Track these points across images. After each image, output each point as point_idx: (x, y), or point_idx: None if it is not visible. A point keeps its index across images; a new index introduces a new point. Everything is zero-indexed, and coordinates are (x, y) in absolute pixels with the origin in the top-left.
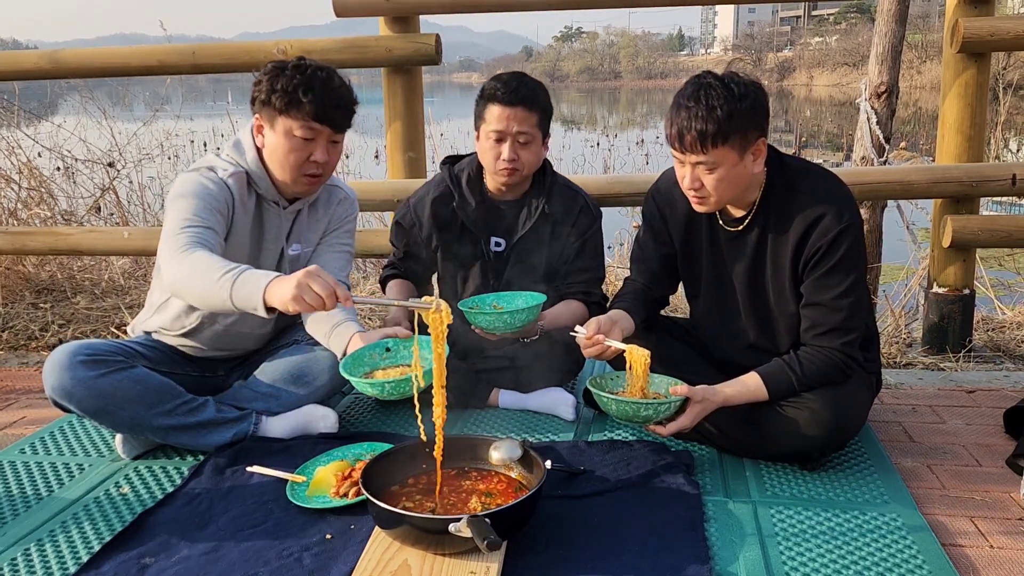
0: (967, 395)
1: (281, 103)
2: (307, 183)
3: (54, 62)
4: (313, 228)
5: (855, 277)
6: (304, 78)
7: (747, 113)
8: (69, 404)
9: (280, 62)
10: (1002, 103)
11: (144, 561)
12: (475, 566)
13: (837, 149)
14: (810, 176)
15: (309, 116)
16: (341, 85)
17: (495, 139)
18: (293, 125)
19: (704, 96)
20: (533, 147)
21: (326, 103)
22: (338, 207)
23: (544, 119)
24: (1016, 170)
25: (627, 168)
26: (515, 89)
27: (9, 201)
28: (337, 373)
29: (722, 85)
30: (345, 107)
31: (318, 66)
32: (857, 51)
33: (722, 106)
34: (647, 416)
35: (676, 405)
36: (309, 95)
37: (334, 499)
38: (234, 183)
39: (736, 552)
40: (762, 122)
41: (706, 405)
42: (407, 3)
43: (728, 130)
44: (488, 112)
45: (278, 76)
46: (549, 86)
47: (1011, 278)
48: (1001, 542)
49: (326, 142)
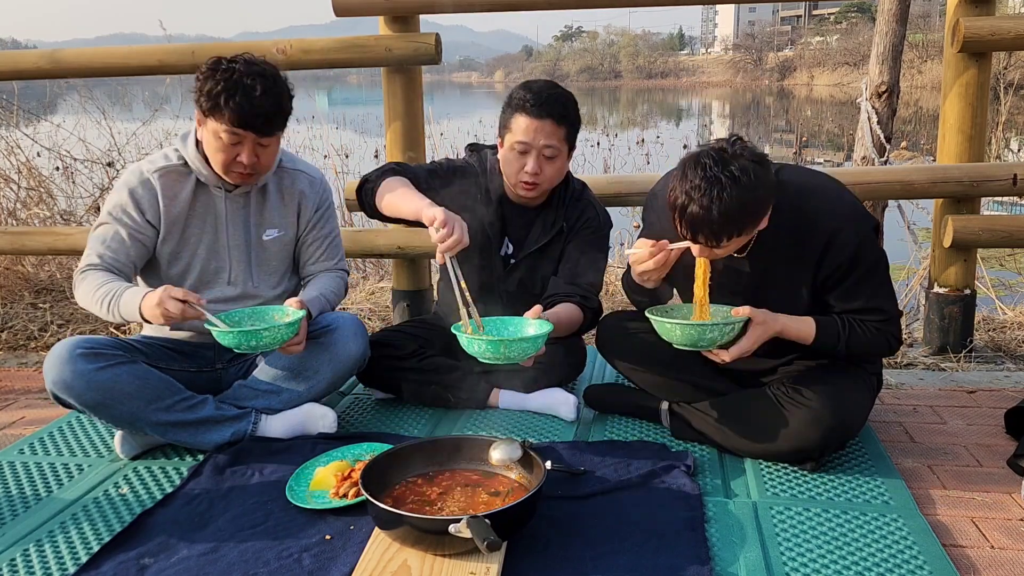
0: (968, 395)
1: (206, 106)
2: (239, 179)
3: (54, 62)
4: (282, 212)
5: (881, 275)
6: (228, 84)
7: (760, 202)
8: (69, 398)
9: (217, 61)
10: (1003, 103)
11: (143, 562)
12: (475, 567)
13: (838, 149)
14: (814, 192)
15: (230, 123)
16: (266, 92)
17: (520, 151)
18: (218, 128)
19: (716, 196)
20: (558, 162)
21: (246, 111)
22: (309, 190)
23: (572, 133)
24: (1017, 170)
25: (627, 168)
26: (545, 101)
27: (8, 201)
28: (337, 369)
29: (732, 180)
30: (268, 115)
31: (247, 71)
32: (858, 51)
33: (736, 206)
34: (712, 339)
35: (739, 327)
36: (230, 103)
37: (334, 499)
38: (159, 178)
39: (736, 552)
40: (772, 197)
41: (766, 328)
42: (407, 3)
43: (744, 224)
44: (515, 122)
45: (208, 78)
46: None
47: (1012, 278)
48: (1002, 542)
49: (252, 144)
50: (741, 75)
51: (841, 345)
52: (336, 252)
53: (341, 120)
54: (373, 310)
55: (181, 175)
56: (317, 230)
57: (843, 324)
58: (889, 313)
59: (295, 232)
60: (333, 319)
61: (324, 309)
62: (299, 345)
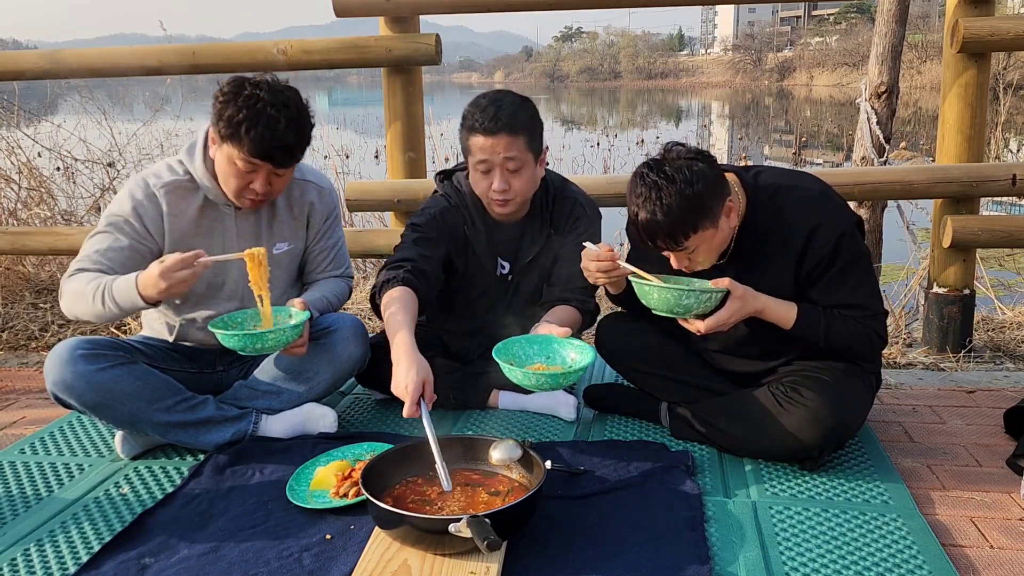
0: (967, 395)
1: (225, 131)
2: (250, 204)
3: (54, 62)
4: (292, 226)
5: (862, 270)
6: (250, 112)
7: (704, 196)
8: (69, 399)
9: (239, 84)
10: (1002, 103)
11: (144, 561)
12: (475, 566)
13: (837, 149)
14: (791, 189)
15: (249, 153)
16: (289, 125)
17: (483, 171)
18: (234, 154)
19: (656, 197)
20: (525, 172)
21: (267, 143)
22: (318, 202)
23: (533, 139)
24: (1016, 170)
25: (627, 168)
26: (493, 116)
27: (9, 201)
28: (337, 370)
29: (667, 180)
30: (289, 147)
31: (272, 101)
32: (857, 51)
33: (677, 204)
34: (688, 305)
35: (718, 297)
36: (251, 132)
37: (334, 499)
38: (166, 194)
39: (736, 552)
40: (721, 188)
41: (745, 303)
42: (407, 3)
43: (694, 220)
44: (472, 143)
45: (228, 103)
46: (549, 86)
47: (1011, 278)
48: (1001, 542)
49: (267, 173)
50: (741, 75)
51: (821, 333)
52: (342, 261)
53: (341, 120)
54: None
55: (188, 191)
56: (325, 240)
57: (825, 314)
58: (872, 309)
59: (304, 243)
60: (333, 320)
61: (326, 310)
62: (302, 347)
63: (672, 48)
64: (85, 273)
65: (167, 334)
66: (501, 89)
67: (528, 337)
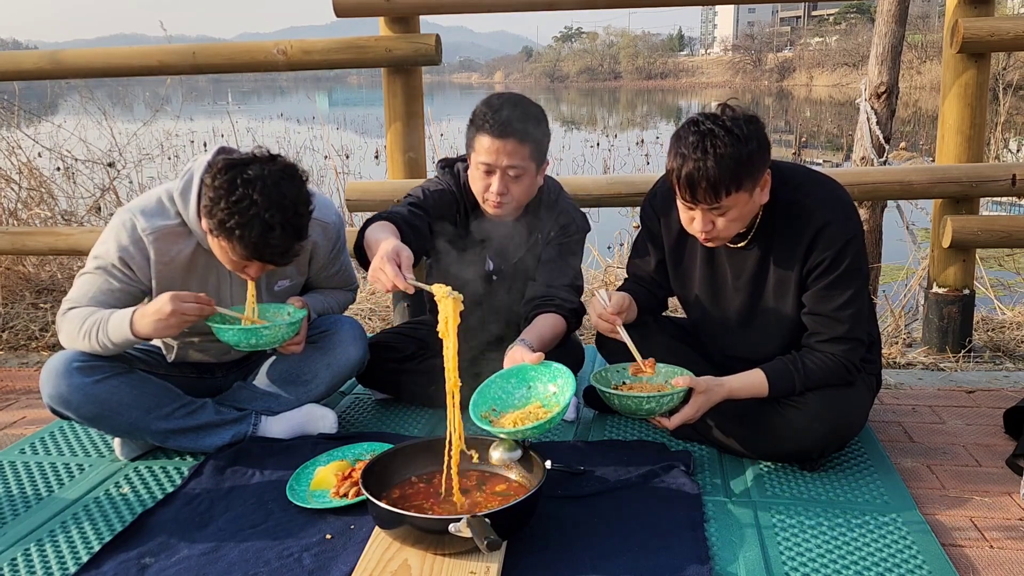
0: (967, 395)
1: (216, 230)
2: (245, 278)
3: (54, 62)
4: (294, 264)
5: (857, 288)
6: (243, 218)
7: (755, 155)
8: (67, 411)
9: (232, 176)
10: (1002, 103)
11: (144, 561)
12: (475, 566)
13: (837, 149)
14: (812, 184)
15: (241, 255)
16: (285, 229)
17: (484, 171)
18: (227, 248)
19: (711, 145)
20: (525, 180)
21: (261, 249)
22: (322, 239)
23: (538, 150)
24: (1016, 170)
25: (627, 168)
26: (506, 120)
27: (9, 201)
28: (336, 373)
29: (725, 131)
30: (285, 251)
31: (267, 204)
32: (857, 51)
33: (731, 154)
34: (650, 409)
35: (679, 397)
36: (244, 239)
37: (334, 499)
38: (154, 240)
39: (736, 552)
40: (767, 156)
41: (710, 396)
42: (407, 3)
43: (741, 177)
44: (478, 142)
45: (220, 199)
46: (549, 86)
47: (1011, 278)
48: (1001, 542)
49: (263, 266)
50: (740, 76)
51: (797, 384)
52: (347, 281)
53: (342, 121)
54: (373, 310)
55: (179, 236)
56: (328, 269)
57: (793, 362)
58: (852, 334)
59: (307, 275)
60: (332, 323)
61: (325, 312)
62: (298, 345)
63: (672, 48)
64: (80, 309)
65: (165, 352)
66: (516, 93)
67: (502, 374)
